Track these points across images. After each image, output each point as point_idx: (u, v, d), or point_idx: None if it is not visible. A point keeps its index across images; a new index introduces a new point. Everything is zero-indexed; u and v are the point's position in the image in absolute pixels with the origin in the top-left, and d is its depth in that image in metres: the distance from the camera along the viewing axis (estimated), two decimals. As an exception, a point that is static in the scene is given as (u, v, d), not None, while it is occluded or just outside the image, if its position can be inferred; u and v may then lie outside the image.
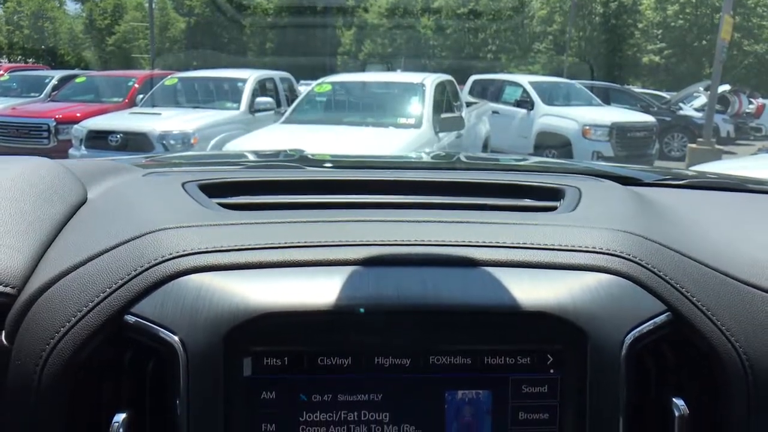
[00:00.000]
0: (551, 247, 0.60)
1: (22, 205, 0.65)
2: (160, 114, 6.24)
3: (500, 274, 0.57)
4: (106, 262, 0.57)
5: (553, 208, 0.76)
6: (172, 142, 5.71)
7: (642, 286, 0.58)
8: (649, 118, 8.55)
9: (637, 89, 14.19)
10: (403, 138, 4.64)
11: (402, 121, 5.02)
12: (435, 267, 0.58)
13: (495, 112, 7.95)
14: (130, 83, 8.40)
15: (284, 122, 5.25)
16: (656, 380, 0.59)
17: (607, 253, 0.59)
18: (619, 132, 7.68)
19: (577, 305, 0.55)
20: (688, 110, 11.33)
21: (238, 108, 6.63)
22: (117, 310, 0.54)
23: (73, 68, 15.30)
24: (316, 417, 0.55)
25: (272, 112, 6.70)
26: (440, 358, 0.55)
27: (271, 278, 0.56)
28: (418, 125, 4.87)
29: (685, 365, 0.59)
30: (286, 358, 0.54)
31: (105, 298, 0.54)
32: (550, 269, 0.58)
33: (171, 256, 0.56)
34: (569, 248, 0.60)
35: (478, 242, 0.60)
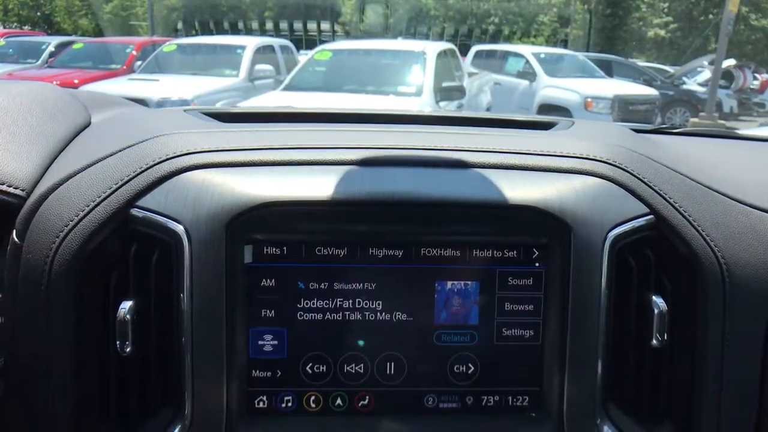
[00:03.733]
0: (541, 152, 0.62)
1: (29, 118, 0.67)
2: (158, 80, 6.18)
3: (491, 174, 0.59)
4: (113, 162, 0.59)
5: (547, 129, 0.78)
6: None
7: (627, 189, 0.60)
8: (651, 92, 8.49)
9: (641, 63, 14.03)
10: (403, 106, 4.62)
11: (402, 89, 4.99)
12: (428, 168, 0.60)
13: (497, 83, 7.88)
14: (128, 50, 8.30)
15: (283, 89, 5.20)
16: (637, 279, 0.61)
17: (595, 159, 0.62)
18: (621, 105, 7.63)
19: (564, 201, 0.57)
20: (691, 84, 11.23)
21: (237, 75, 6.57)
22: (123, 203, 0.56)
23: (69, 35, 15.10)
24: (313, 304, 0.57)
25: (272, 79, 6.64)
26: (431, 249, 0.58)
27: (271, 174, 0.58)
28: (418, 93, 4.84)
29: (665, 267, 0.62)
30: (285, 248, 0.57)
31: (112, 193, 0.56)
32: (540, 171, 0.60)
33: (175, 155, 0.58)
34: (559, 154, 0.62)
35: (470, 148, 0.62)
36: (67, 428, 0.57)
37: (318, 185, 0.57)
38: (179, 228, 0.55)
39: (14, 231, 0.58)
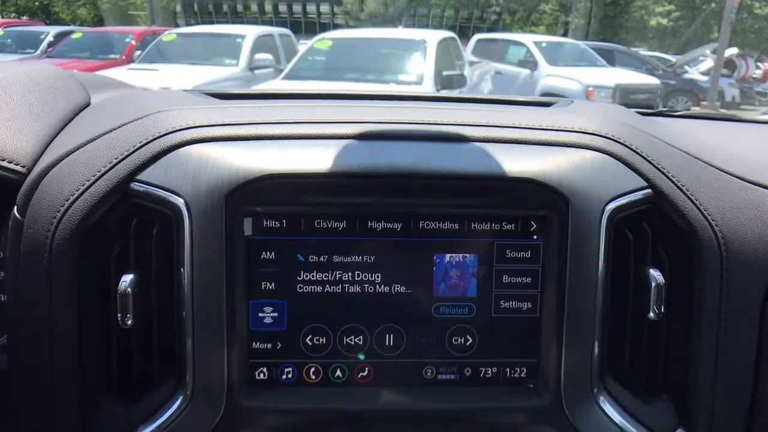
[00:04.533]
0: (540, 127, 0.62)
1: (29, 97, 0.67)
2: (157, 70, 6.15)
3: (490, 148, 0.59)
4: (113, 138, 0.59)
5: (546, 107, 0.78)
6: (170, 98, 5.66)
7: (625, 163, 0.60)
8: (653, 81, 8.45)
9: (643, 52, 13.95)
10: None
11: (403, 77, 4.97)
12: (427, 142, 0.60)
13: (498, 72, 7.84)
14: (128, 39, 8.26)
15: (284, 78, 5.18)
16: (635, 253, 0.61)
17: (594, 134, 0.62)
18: (622, 94, 7.59)
19: (562, 174, 0.58)
20: (693, 74, 11.17)
21: (237, 65, 6.54)
22: (123, 177, 0.56)
23: (68, 25, 15.01)
24: (313, 276, 0.58)
25: (271, 69, 6.61)
26: (429, 222, 0.58)
27: (270, 148, 0.58)
28: (419, 82, 4.82)
29: (663, 241, 0.62)
30: (284, 221, 0.57)
31: (112, 167, 0.57)
32: (538, 145, 0.60)
33: (174, 129, 0.58)
34: (557, 128, 0.62)
35: (469, 122, 0.62)
36: (70, 402, 0.57)
37: (317, 158, 0.57)
38: (179, 201, 0.55)
39: (15, 207, 0.59)
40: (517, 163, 0.58)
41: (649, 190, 0.60)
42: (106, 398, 0.59)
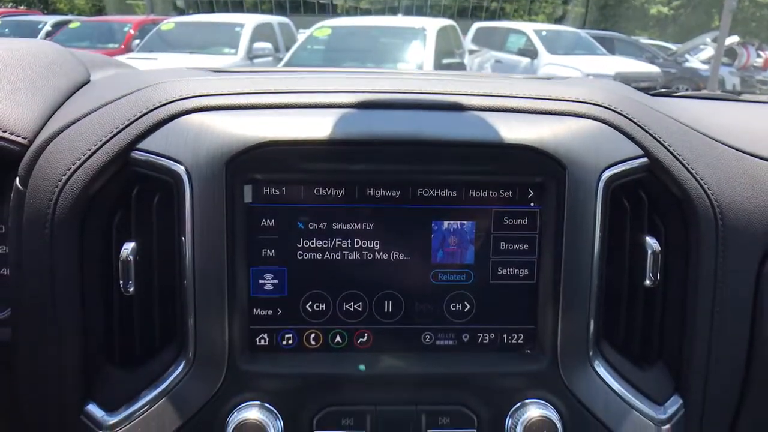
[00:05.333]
0: (538, 96, 0.63)
1: (29, 72, 0.67)
2: (156, 59, 6.13)
3: (489, 116, 0.60)
4: (113, 108, 0.60)
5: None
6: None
7: (622, 132, 0.61)
8: (653, 69, 8.42)
9: (644, 40, 13.88)
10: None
11: (402, 65, 4.96)
12: (426, 111, 0.60)
13: (498, 60, 7.82)
14: (126, 29, 8.23)
15: (283, 67, 5.17)
16: (631, 221, 0.62)
17: (591, 103, 0.62)
18: (622, 82, 7.56)
19: (559, 141, 0.58)
20: (694, 62, 11.11)
21: (236, 53, 6.53)
22: (124, 146, 0.57)
23: (66, 15, 14.91)
24: (313, 244, 0.59)
25: (270, 57, 6.59)
26: (428, 190, 0.58)
27: (270, 116, 0.58)
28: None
29: (659, 209, 0.63)
30: (284, 188, 0.58)
31: (113, 136, 0.57)
32: (536, 114, 0.61)
33: (174, 99, 0.59)
34: (555, 98, 0.62)
35: (468, 92, 0.62)
36: (73, 370, 0.58)
37: (316, 126, 0.57)
38: (180, 168, 0.56)
39: (17, 178, 0.59)
40: (515, 130, 0.58)
41: (645, 159, 0.60)
42: (108, 366, 0.60)
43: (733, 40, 11.24)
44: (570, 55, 8.12)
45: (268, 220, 0.58)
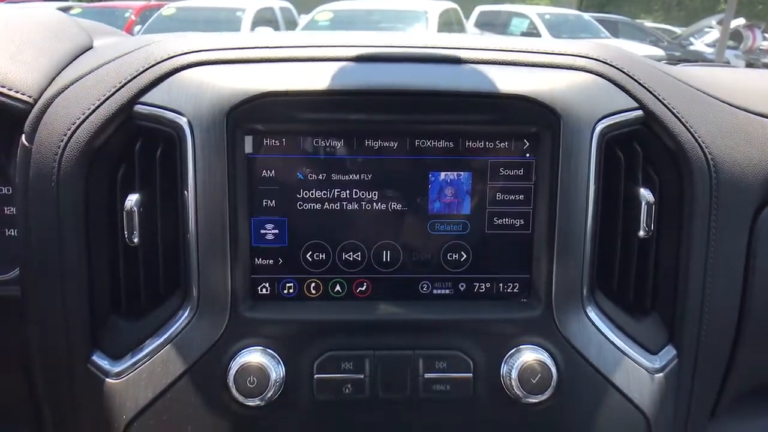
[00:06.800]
0: (535, 50, 0.63)
1: (34, 35, 0.69)
2: (158, 44, 6.12)
3: (486, 68, 0.61)
4: (116, 64, 0.61)
5: None
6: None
7: (617, 85, 0.61)
8: (657, 52, 8.34)
9: (648, 24, 13.74)
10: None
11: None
12: (424, 63, 0.61)
13: (500, 44, 7.76)
14: (128, 14, 8.20)
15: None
16: (625, 172, 0.63)
17: (587, 57, 0.63)
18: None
19: (555, 93, 0.59)
20: (699, 45, 11.01)
21: (237, 38, 6.50)
22: (127, 100, 0.58)
23: (66, 1, 14.82)
24: (312, 194, 0.60)
25: (272, 42, 6.56)
26: (425, 141, 0.60)
27: (270, 68, 0.60)
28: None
29: (653, 162, 0.64)
30: (284, 139, 0.59)
31: (116, 91, 0.59)
32: (533, 67, 0.62)
33: (176, 54, 0.60)
34: (551, 51, 0.63)
35: (466, 46, 0.63)
36: (80, 321, 0.60)
37: (316, 77, 0.58)
38: (182, 120, 0.57)
39: (23, 135, 0.60)
40: (511, 81, 0.59)
41: (640, 112, 0.61)
42: (114, 316, 0.62)
43: (738, 22, 11.11)
44: (574, 39, 8.05)
45: (268, 171, 0.59)
